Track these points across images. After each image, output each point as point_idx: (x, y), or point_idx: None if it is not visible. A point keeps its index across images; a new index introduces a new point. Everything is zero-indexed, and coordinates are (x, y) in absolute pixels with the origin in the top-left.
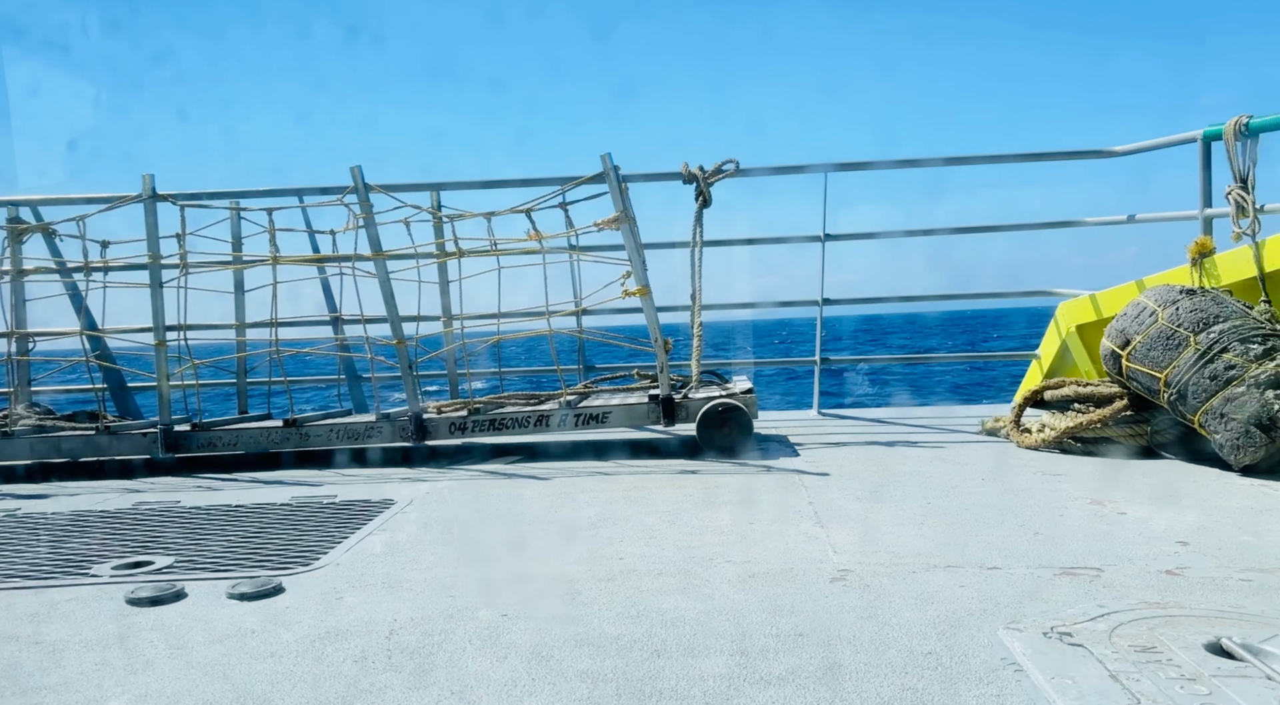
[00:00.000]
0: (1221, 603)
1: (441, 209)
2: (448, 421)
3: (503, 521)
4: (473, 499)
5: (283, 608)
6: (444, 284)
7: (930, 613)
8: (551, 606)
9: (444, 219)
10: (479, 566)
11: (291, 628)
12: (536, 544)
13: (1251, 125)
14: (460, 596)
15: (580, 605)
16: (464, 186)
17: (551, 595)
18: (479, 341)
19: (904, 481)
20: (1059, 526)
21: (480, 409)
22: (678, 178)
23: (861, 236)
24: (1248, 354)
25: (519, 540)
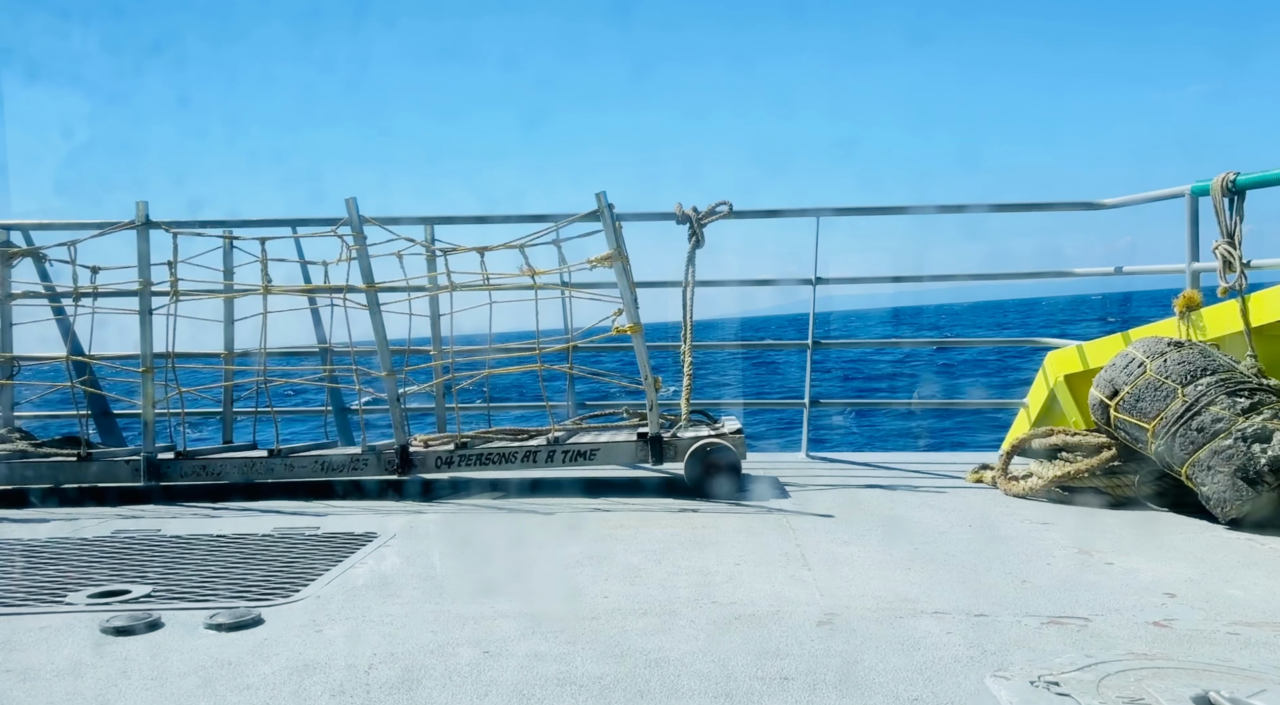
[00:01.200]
0: (1209, 655)
1: (435, 243)
2: (434, 455)
3: (487, 556)
4: (457, 533)
5: (261, 639)
6: (435, 317)
7: (916, 658)
8: (534, 644)
9: (437, 252)
10: (460, 601)
11: (269, 660)
12: (521, 580)
13: (1238, 181)
14: (442, 632)
15: (563, 643)
16: (458, 221)
17: (534, 633)
18: (468, 375)
19: (891, 526)
20: (1046, 575)
21: (467, 443)
22: (671, 218)
23: (853, 281)
24: (1234, 407)
25: (502, 577)
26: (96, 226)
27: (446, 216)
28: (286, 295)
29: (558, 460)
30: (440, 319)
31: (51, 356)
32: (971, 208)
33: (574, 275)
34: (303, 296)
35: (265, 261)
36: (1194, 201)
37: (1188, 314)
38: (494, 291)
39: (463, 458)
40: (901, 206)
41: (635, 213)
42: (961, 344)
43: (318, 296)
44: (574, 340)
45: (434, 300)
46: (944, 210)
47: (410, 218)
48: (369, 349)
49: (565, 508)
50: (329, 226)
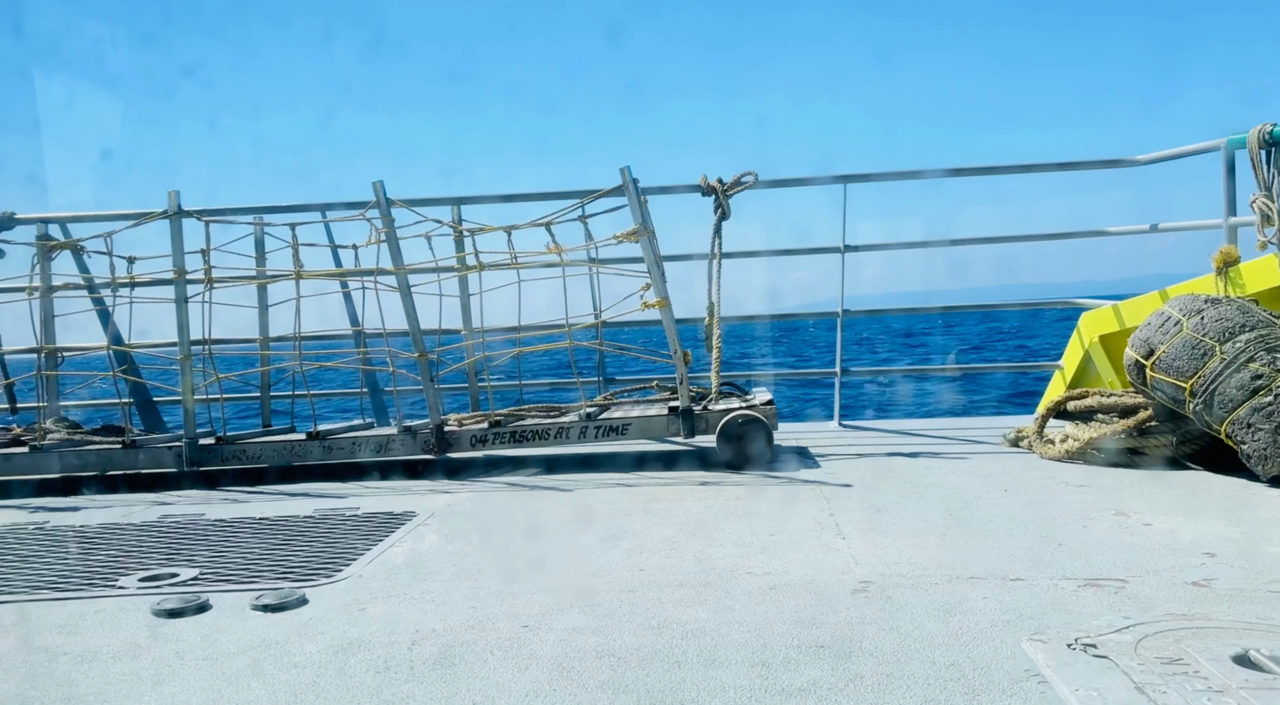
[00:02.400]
0: (1249, 614)
1: (462, 223)
2: (469, 434)
3: (523, 533)
4: (494, 510)
5: (306, 619)
6: (465, 297)
7: (953, 624)
8: (572, 618)
9: (465, 233)
10: (499, 577)
11: (315, 639)
12: (557, 555)
13: (1275, 133)
14: (481, 607)
15: (601, 616)
16: (484, 201)
17: (572, 606)
18: (500, 354)
19: (926, 493)
20: (1083, 538)
21: (501, 421)
22: (697, 190)
23: (881, 247)
24: (1275, 363)
25: (539, 551)
26: (131, 217)
27: (473, 196)
28: (318, 280)
29: (590, 436)
30: (470, 299)
31: (93, 347)
32: (1001, 169)
33: (601, 251)
34: (334, 280)
35: (296, 246)
36: (1229, 155)
37: (1225, 270)
38: (522, 270)
39: (497, 435)
40: (928, 171)
41: (660, 186)
42: (994, 307)
43: (349, 280)
44: (602, 316)
45: (463, 280)
46: (971, 172)
47: (437, 199)
48: (402, 330)
49: (599, 483)
50: (358, 210)
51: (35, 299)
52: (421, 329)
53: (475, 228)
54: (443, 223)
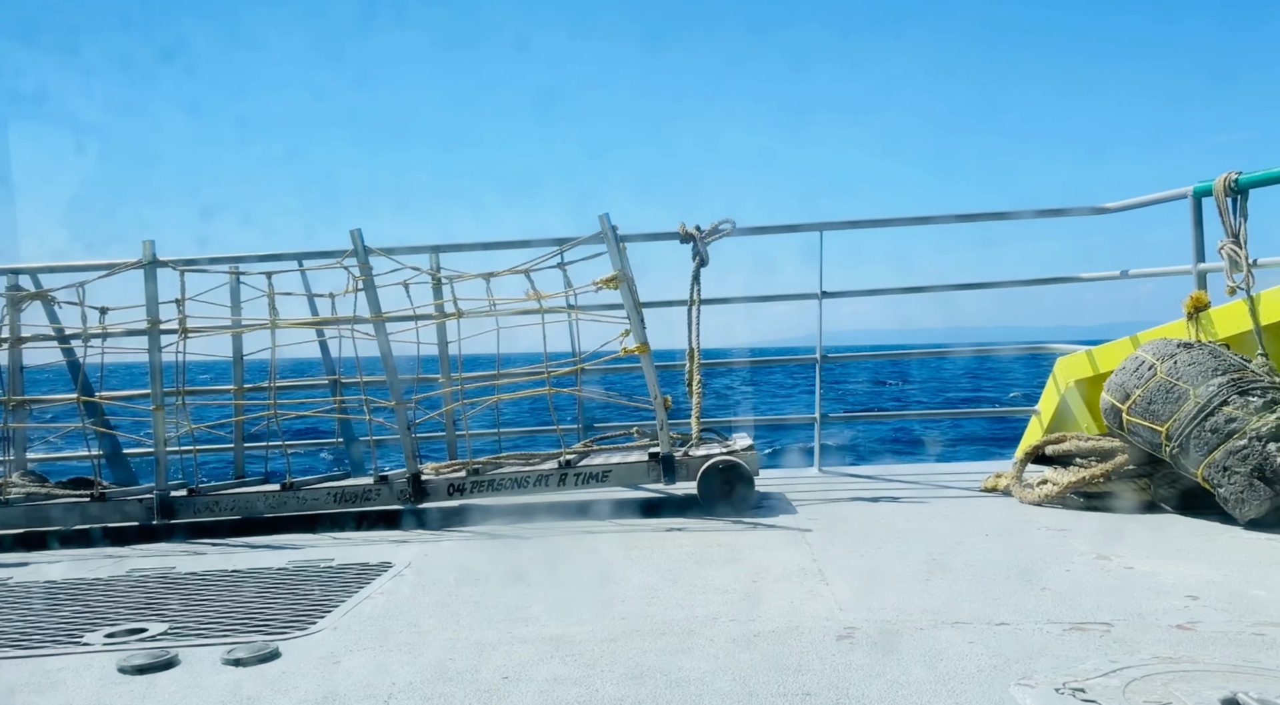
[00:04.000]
0: (1235, 657)
1: (440, 270)
2: (446, 483)
3: (501, 582)
4: (471, 560)
5: (279, 673)
6: (443, 345)
7: (940, 670)
8: (553, 668)
9: (443, 280)
10: (478, 628)
11: (288, 693)
12: (536, 605)
13: (1241, 181)
14: (459, 659)
15: (582, 666)
16: (463, 248)
17: (553, 657)
18: (478, 401)
19: (908, 538)
20: (1066, 581)
21: (479, 469)
22: (675, 237)
23: (859, 294)
24: (1248, 407)
25: (519, 601)
26: (104, 268)
27: (452, 244)
28: (294, 328)
29: (570, 483)
30: (448, 346)
31: (62, 398)
32: (978, 216)
33: (580, 298)
34: (310, 329)
35: (272, 295)
36: (1197, 202)
37: (1196, 315)
38: (501, 317)
39: (475, 484)
40: (905, 218)
41: (639, 233)
42: (970, 353)
43: (325, 329)
44: (582, 362)
45: (441, 328)
46: (949, 220)
47: (415, 246)
48: (378, 379)
49: (579, 530)
50: (335, 259)
51: (3, 351)
52: (399, 377)
53: (454, 275)
54: (420, 270)
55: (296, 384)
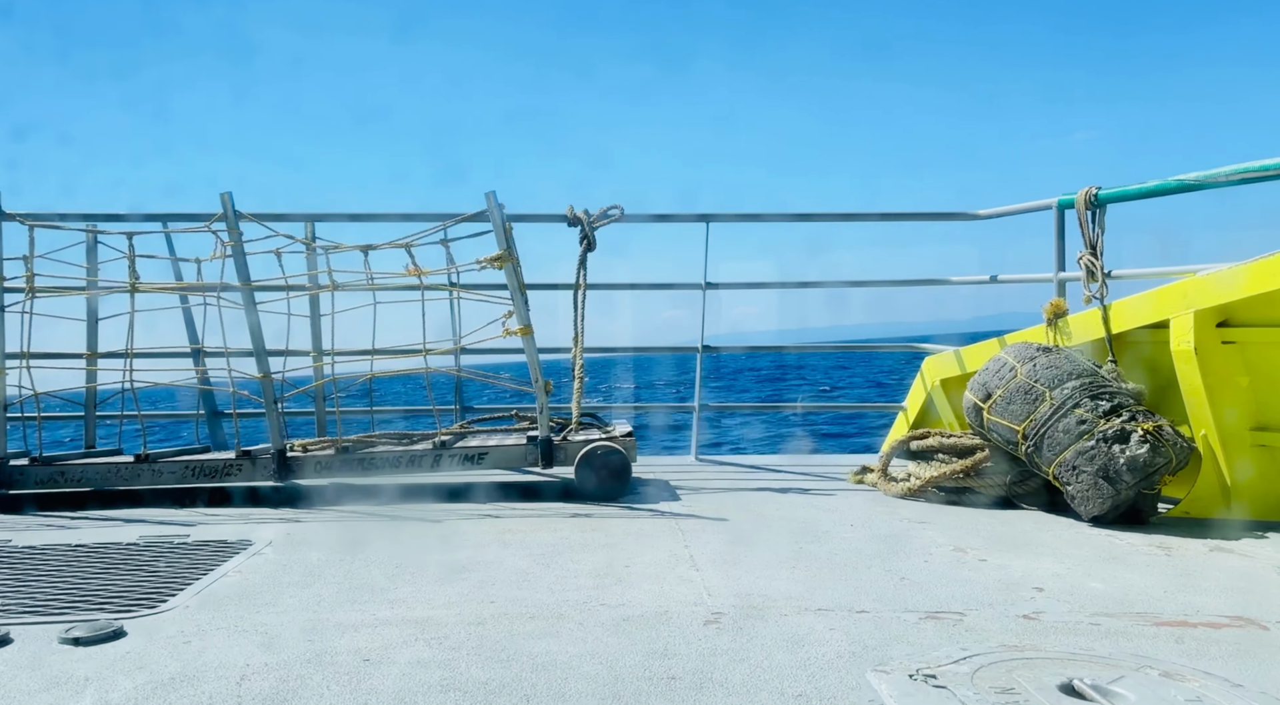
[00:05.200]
0: (1074, 646)
1: (316, 240)
2: (314, 460)
3: (368, 564)
4: (338, 540)
5: (122, 653)
6: (315, 317)
7: (801, 655)
8: (417, 651)
9: (318, 250)
10: (340, 609)
11: (131, 674)
12: (404, 587)
13: (1100, 196)
14: (320, 640)
15: (447, 649)
16: (341, 219)
17: (417, 640)
18: (351, 376)
19: (777, 526)
20: (924, 572)
21: (349, 448)
22: (562, 220)
23: (742, 286)
24: (1097, 410)
25: (385, 583)
26: None
27: (329, 214)
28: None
29: (444, 464)
30: (321, 320)
31: None
32: (859, 216)
33: (463, 277)
34: (173, 294)
35: (133, 258)
36: (1060, 214)
37: (1055, 321)
38: (378, 291)
39: (344, 462)
40: (789, 214)
41: (526, 214)
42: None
43: (190, 295)
44: (461, 342)
45: (314, 300)
46: (831, 218)
47: (290, 214)
48: (245, 350)
49: (452, 513)
50: (202, 222)
51: None
52: (267, 349)
53: (330, 245)
54: (295, 239)
55: (156, 350)
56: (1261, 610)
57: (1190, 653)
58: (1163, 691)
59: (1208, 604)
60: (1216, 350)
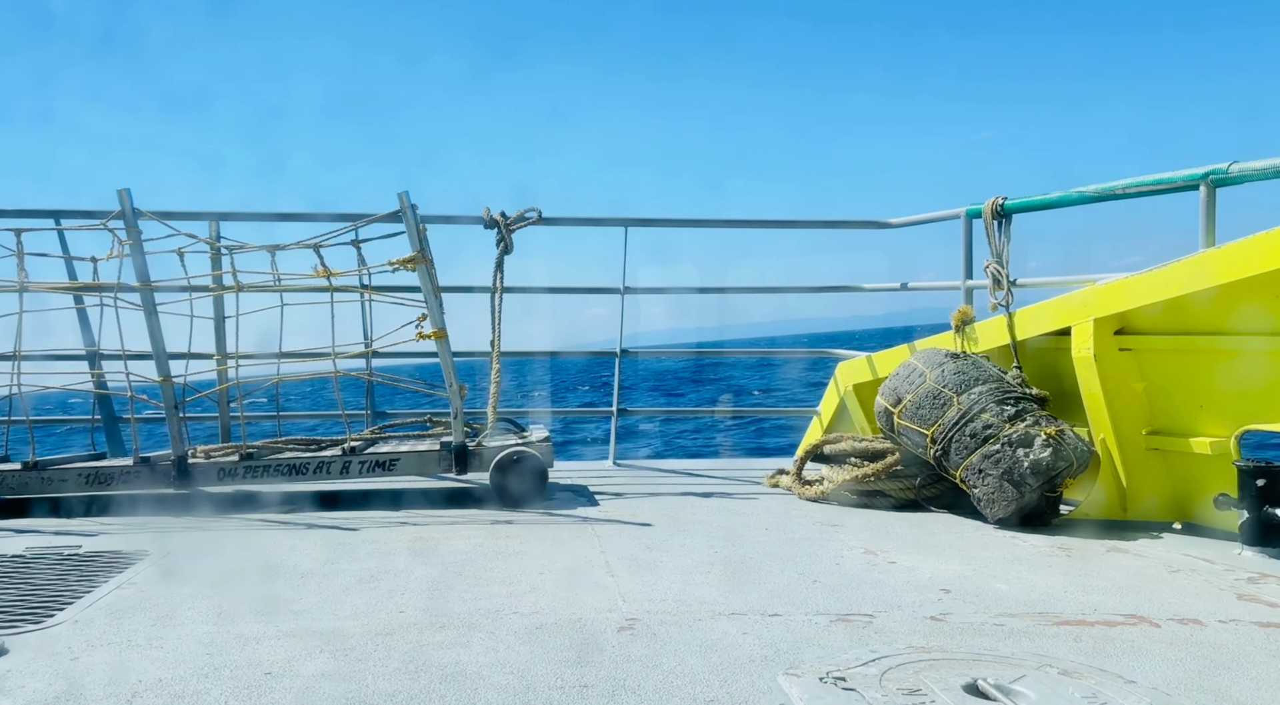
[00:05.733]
0: (978, 646)
1: (221, 239)
2: (216, 467)
3: (272, 574)
4: (240, 550)
5: (4, 671)
6: (219, 320)
7: (713, 660)
8: (320, 663)
9: (223, 250)
10: (241, 622)
11: (13, 694)
12: (309, 597)
13: (1006, 205)
14: (219, 654)
15: (353, 661)
16: (247, 218)
17: (322, 651)
18: (256, 380)
19: (693, 530)
20: (836, 574)
21: (254, 454)
22: (479, 222)
23: (659, 291)
24: (1002, 415)
25: (289, 594)
26: None
27: (234, 212)
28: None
29: (354, 471)
30: (226, 322)
31: None
32: (773, 223)
33: (375, 279)
34: (67, 294)
35: (21, 255)
36: (968, 223)
37: (963, 327)
38: (286, 293)
39: (249, 469)
40: (707, 220)
41: (441, 215)
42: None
43: (85, 296)
44: (373, 345)
45: (218, 301)
46: (748, 225)
47: (194, 213)
48: (143, 352)
49: (363, 521)
50: (99, 220)
51: None
52: (168, 352)
53: (235, 245)
54: (197, 238)
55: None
56: (1153, 608)
57: (1087, 651)
58: (1061, 689)
59: (1104, 603)
60: (1114, 357)
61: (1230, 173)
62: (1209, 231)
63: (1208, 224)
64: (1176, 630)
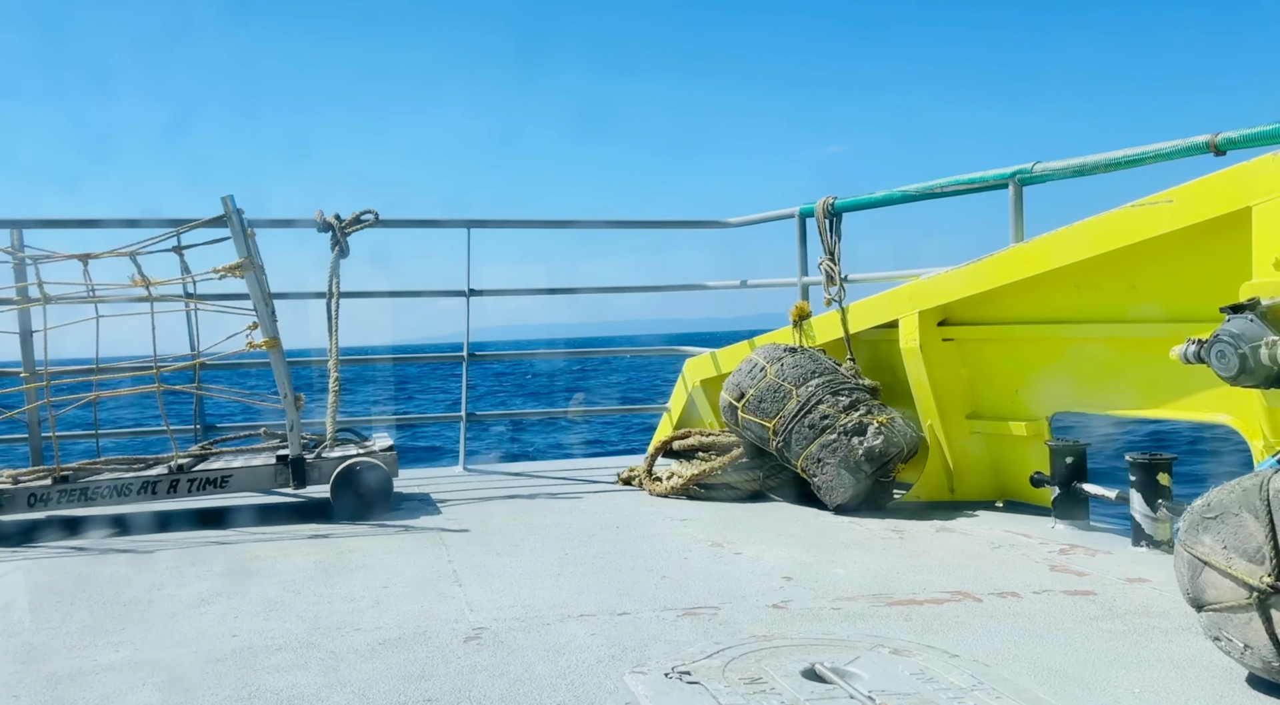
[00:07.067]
0: (817, 631)
1: (25, 249)
2: (26, 492)
3: (89, 605)
4: (54, 582)
5: None
6: (26, 334)
7: (561, 663)
8: (146, 696)
9: (27, 260)
10: (57, 658)
11: None
12: (131, 628)
13: (836, 205)
14: (32, 694)
15: (181, 692)
16: (53, 225)
17: (145, 685)
18: (71, 399)
19: (544, 533)
20: (684, 569)
21: (70, 476)
22: (312, 225)
23: (507, 293)
24: (838, 405)
25: (108, 625)
26: None
27: (41, 220)
28: None
29: (183, 490)
30: (33, 336)
31: None
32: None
33: (201, 287)
34: None
35: None
36: (802, 222)
37: (800, 323)
38: (101, 304)
39: (64, 494)
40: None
41: (270, 219)
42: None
43: None
44: (200, 357)
45: (24, 314)
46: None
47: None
48: None
49: (193, 542)
50: None
51: None
52: None
53: (40, 255)
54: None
55: None
56: (976, 584)
57: (917, 629)
58: (892, 668)
59: (933, 581)
60: (938, 347)
61: (1034, 172)
62: (1018, 227)
63: (1016, 220)
64: (996, 603)
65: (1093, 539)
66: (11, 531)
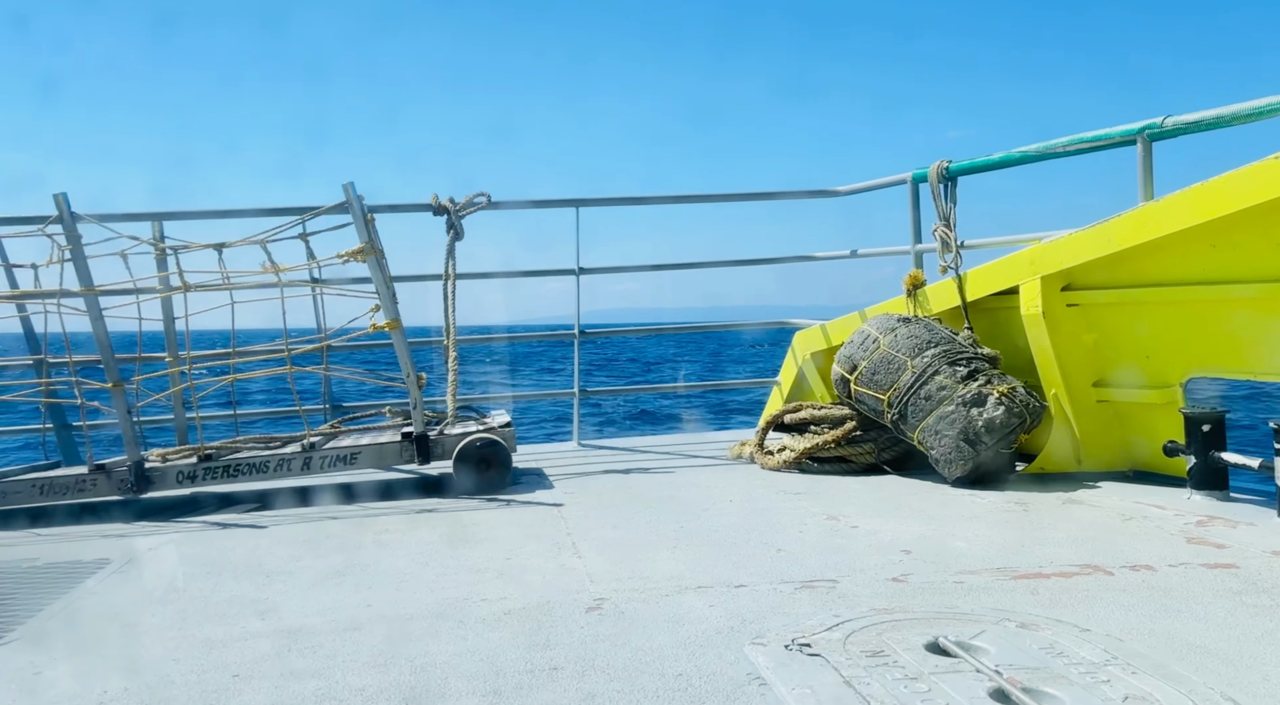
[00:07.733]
0: (939, 605)
1: (165, 240)
2: (175, 470)
3: (235, 575)
4: (202, 553)
5: None
6: (169, 321)
7: (681, 634)
8: (290, 662)
9: (167, 250)
10: (207, 625)
11: None
12: (274, 597)
13: (951, 169)
14: (185, 659)
15: (322, 658)
16: (191, 216)
17: (290, 650)
18: (211, 381)
19: (658, 507)
20: (799, 542)
21: (213, 454)
22: (428, 209)
23: (615, 270)
24: (955, 376)
25: (253, 595)
26: None
27: (177, 212)
28: None
29: (315, 467)
30: (174, 322)
31: None
32: (719, 197)
33: (325, 271)
34: (9, 304)
35: None
36: (915, 188)
37: (914, 292)
38: (235, 291)
39: (208, 470)
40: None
41: (389, 204)
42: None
43: (28, 303)
44: (327, 339)
45: (166, 302)
46: (694, 200)
47: (136, 214)
48: (92, 358)
49: (325, 516)
50: (36, 225)
51: None
52: (117, 356)
53: (180, 245)
54: (140, 239)
55: None
56: (1107, 557)
57: (1044, 603)
58: (1019, 642)
59: (1060, 555)
60: (1062, 313)
61: (1165, 126)
62: (1147, 185)
63: (1145, 178)
64: (1129, 577)
65: (1233, 510)
66: (162, 506)
